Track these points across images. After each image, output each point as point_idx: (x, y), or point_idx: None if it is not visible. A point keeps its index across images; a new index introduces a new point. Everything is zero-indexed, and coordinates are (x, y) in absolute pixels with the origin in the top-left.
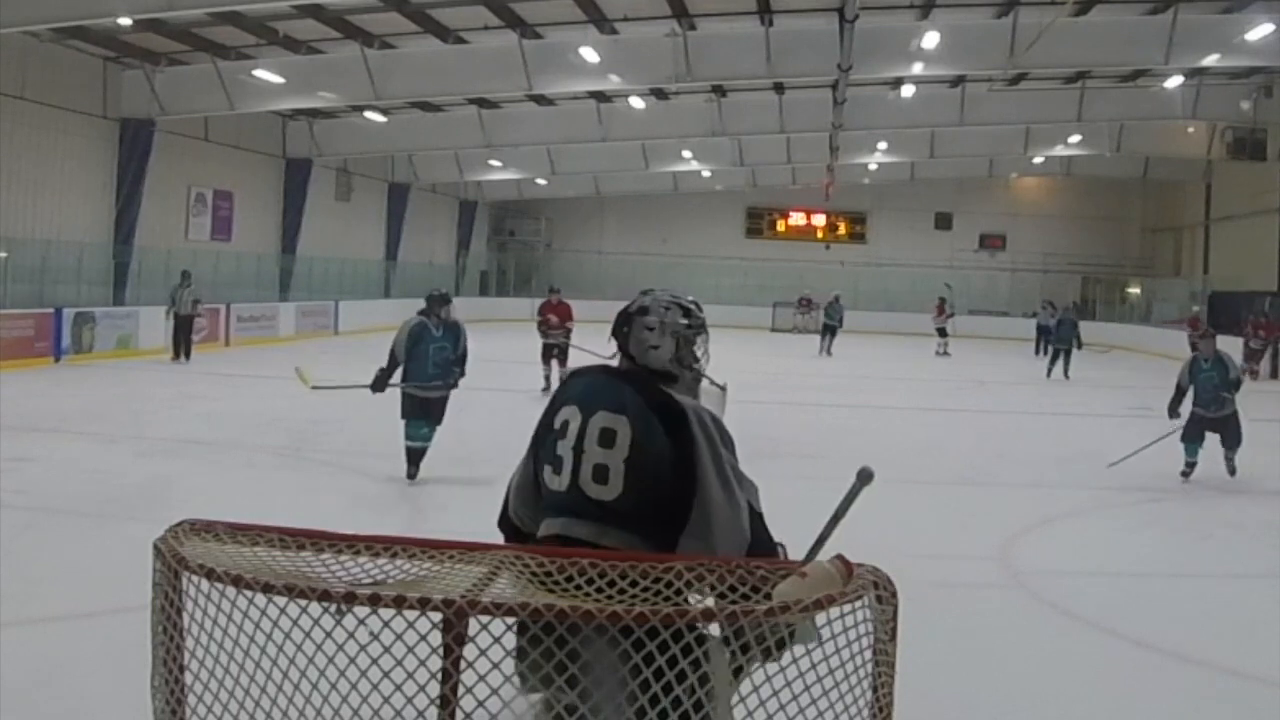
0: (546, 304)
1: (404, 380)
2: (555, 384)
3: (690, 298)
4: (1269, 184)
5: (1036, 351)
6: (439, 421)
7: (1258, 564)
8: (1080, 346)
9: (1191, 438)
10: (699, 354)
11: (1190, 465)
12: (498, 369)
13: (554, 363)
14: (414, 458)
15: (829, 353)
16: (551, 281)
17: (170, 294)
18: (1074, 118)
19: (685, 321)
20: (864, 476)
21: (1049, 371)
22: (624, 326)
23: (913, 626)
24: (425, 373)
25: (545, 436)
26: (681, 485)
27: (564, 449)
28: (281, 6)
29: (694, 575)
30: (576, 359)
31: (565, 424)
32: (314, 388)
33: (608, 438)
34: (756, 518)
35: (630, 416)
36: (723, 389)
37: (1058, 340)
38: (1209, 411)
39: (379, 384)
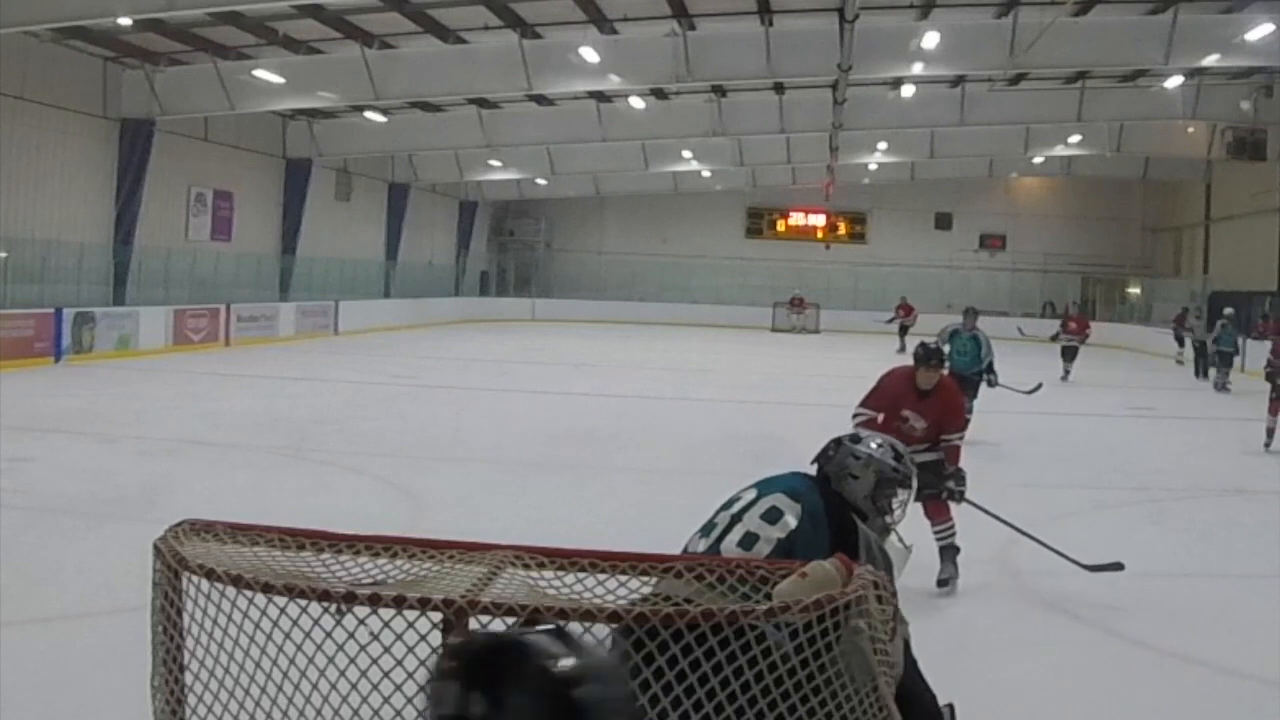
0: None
1: None
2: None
3: (904, 449)
4: (1269, 184)
5: (1198, 373)
6: None
7: (1258, 564)
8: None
9: None
10: (895, 506)
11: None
12: (497, 369)
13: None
14: None
15: (1225, 388)
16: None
17: None
18: (1074, 118)
19: (893, 464)
20: None
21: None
22: (830, 450)
23: (913, 626)
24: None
25: (713, 513)
26: None
27: (722, 516)
28: (281, 6)
29: (694, 575)
30: None
31: (737, 498)
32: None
33: (773, 515)
34: (909, 660)
35: (804, 508)
36: (908, 549)
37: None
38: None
39: None
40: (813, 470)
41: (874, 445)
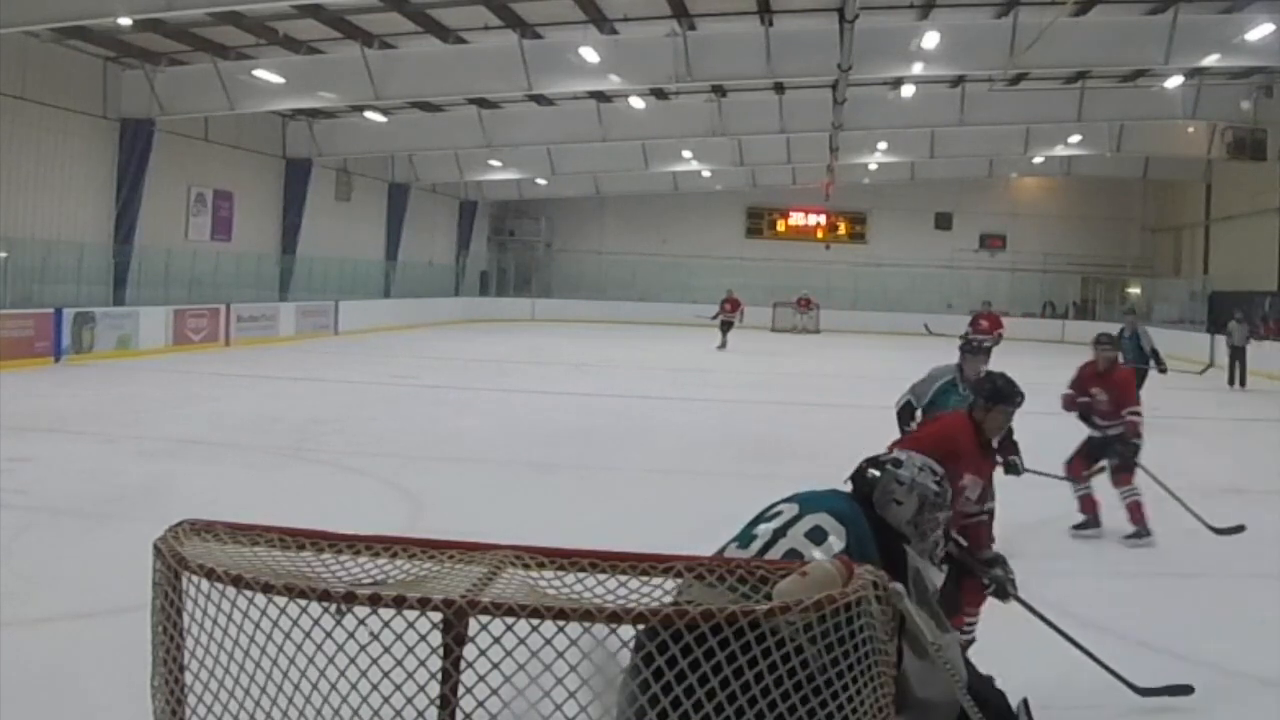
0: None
1: None
2: None
3: (940, 469)
4: (1269, 184)
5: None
6: None
7: (1258, 564)
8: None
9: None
10: (936, 529)
11: None
12: (497, 369)
13: None
14: None
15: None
16: None
17: None
18: (1074, 118)
19: (935, 488)
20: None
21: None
22: (870, 472)
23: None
24: None
25: (748, 524)
26: None
27: (763, 529)
28: (281, 6)
29: (694, 575)
30: None
31: (778, 512)
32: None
33: (818, 535)
34: (970, 666)
35: (850, 532)
36: (944, 571)
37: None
38: None
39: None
40: (847, 487)
41: (915, 468)
